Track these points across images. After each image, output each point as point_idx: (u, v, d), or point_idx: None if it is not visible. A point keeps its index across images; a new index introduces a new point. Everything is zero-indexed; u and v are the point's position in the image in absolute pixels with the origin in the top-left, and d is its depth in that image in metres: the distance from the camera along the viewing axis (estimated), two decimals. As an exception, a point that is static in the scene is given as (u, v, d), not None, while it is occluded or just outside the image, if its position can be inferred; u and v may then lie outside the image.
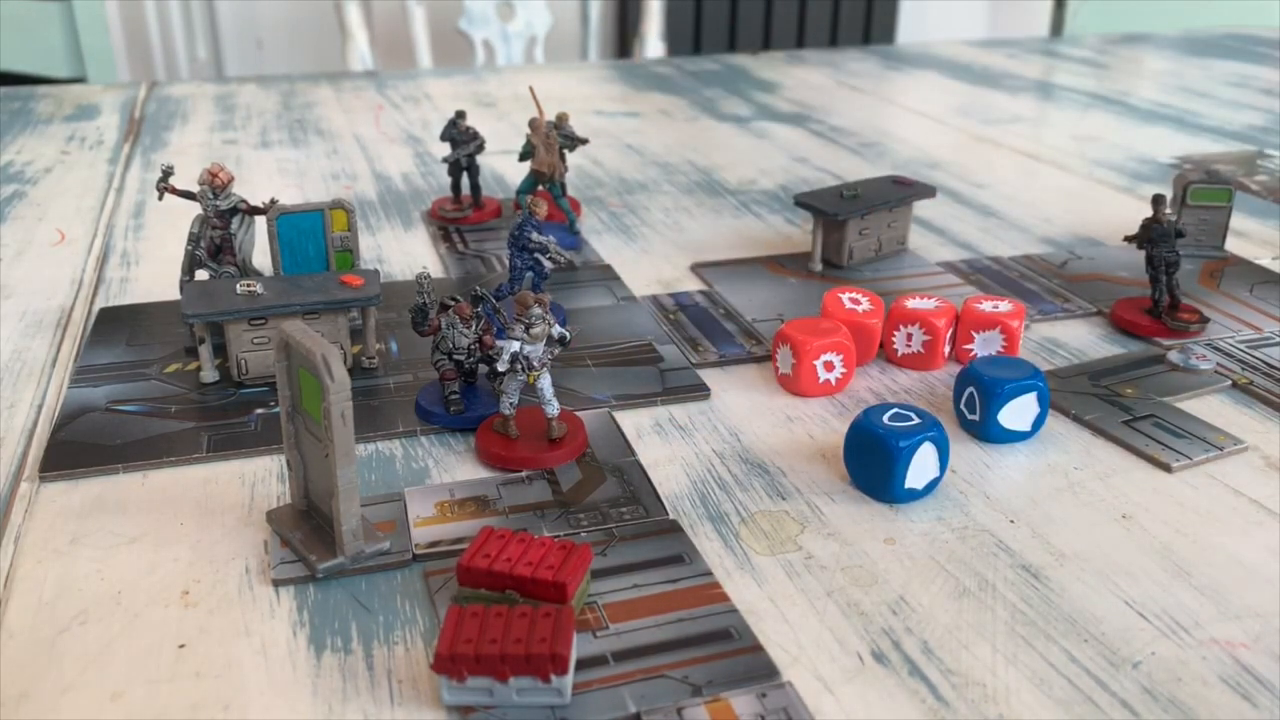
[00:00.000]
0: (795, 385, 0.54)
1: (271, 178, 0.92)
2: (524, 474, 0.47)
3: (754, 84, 1.30)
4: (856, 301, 0.57)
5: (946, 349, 0.57)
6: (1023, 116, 1.14)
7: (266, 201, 0.59)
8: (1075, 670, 0.36)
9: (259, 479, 0.47)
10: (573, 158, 0.91)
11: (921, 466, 0.45)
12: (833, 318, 0.56)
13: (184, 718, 0.34)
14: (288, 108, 1.17)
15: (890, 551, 0.42)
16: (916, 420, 0.45)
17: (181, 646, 0.37)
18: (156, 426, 0.51)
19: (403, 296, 0.65)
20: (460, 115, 0.77)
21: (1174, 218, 0.61)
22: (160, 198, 0.60)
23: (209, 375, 0.55)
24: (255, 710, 0.35)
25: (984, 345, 0.57)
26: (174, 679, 0.36)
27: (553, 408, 0.48)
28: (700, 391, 0.55)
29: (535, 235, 0.59)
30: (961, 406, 0.51)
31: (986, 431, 0.50)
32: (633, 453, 0.49)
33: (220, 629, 0.38)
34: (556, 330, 0.47)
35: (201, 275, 0.61)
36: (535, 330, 0.47)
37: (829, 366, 0.54)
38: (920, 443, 0.44)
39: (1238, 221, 0.79)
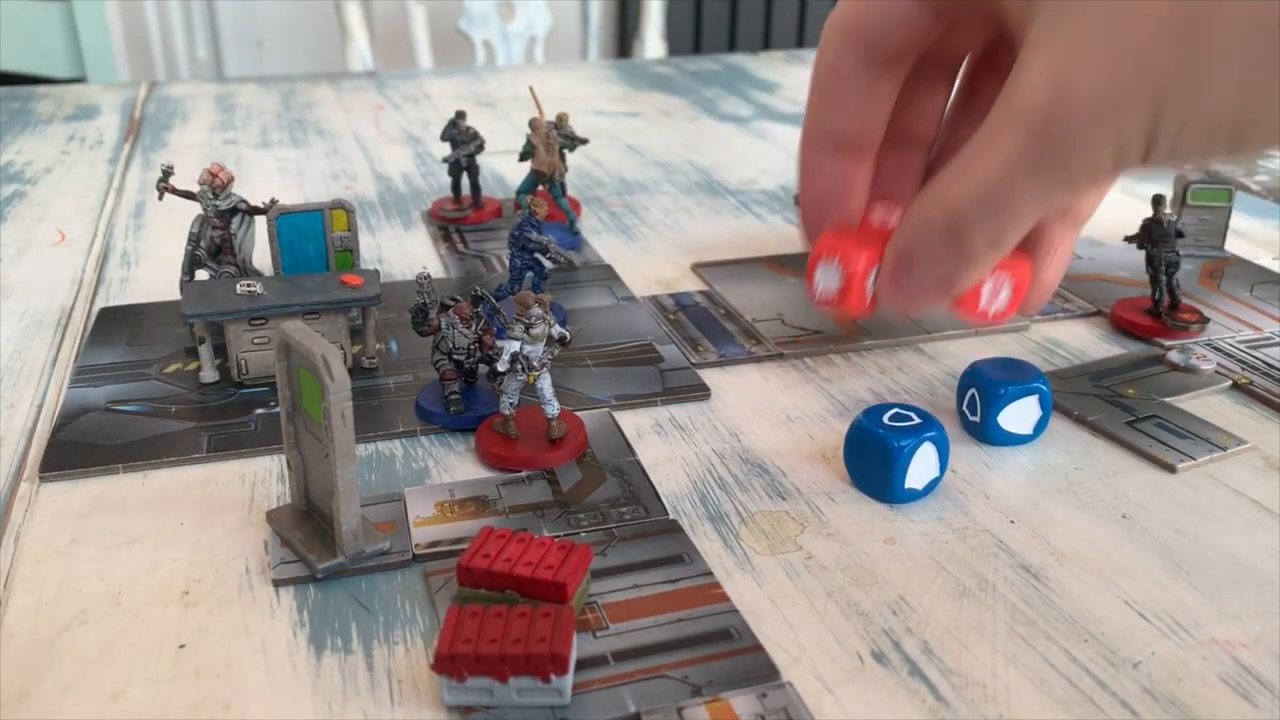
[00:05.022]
0: (843, 303, 0.43)
1: (271, 178, 0.92)
2: (524, 474, 0.47)
3: (754, 84, 1.30)
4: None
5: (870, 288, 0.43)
6: (1023, 116, 1.14)
7: (266, 201, 0.59)
8: (1075, 670, 0.36)
9: (259, 479, 0.47)
10: (573, 158, 0.91)
11: (921, 467, 0.45)
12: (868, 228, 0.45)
13: (184, 718, 0.34)
14: (288, 108, 1.17)
15: (890, 551, 0.42)
16: (916, 420, 0.45)
17: (181, 646, 0.37)
18: (156, 426, 0.51)
19: (403, 296, 0.65)
20: (460, 115, 0.77)
21: (1174, 218, 0.61)
22: (160, 198, 0.60)
23: (209, 375, 0.55)
24: (255, 710, 0.35)
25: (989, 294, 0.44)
26: (174, 679, 0.36)
27: (553, 408, 0.48)
28: (700, 391, 0.55)
29: (535, 235, 0.59)
30: (964, 408, 0.51)
31: (986, 433, 0.50)
32: (633, 453, 0.49)
33: (220, 629, 0.38)
34: (556, 330, 0.47)
35: (201, 275, 0.61)
36: (535, 330, 0.47)
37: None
38: (920, 443, 0.44)
39: (1238, 221, 0.79)
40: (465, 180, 0.79)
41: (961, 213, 0.38)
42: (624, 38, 2.39)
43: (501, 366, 0.47)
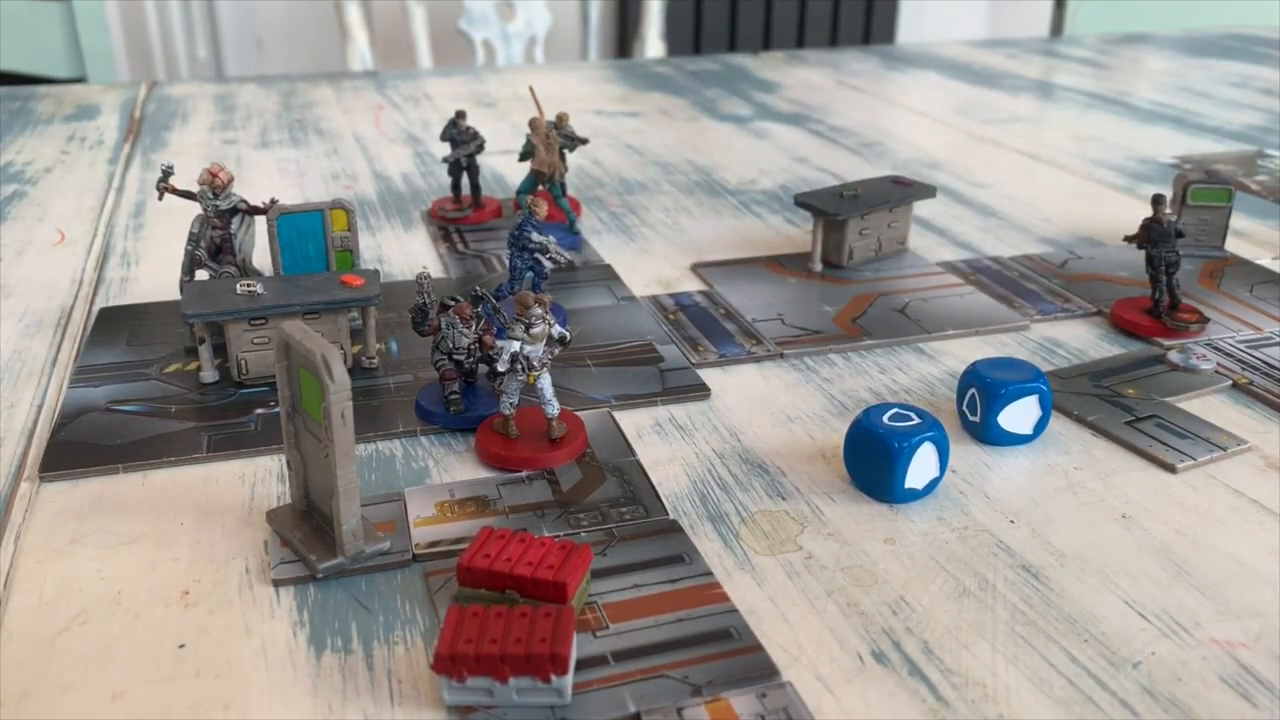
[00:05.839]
0: None
1: (271, 178, 0.92)
2: (524, 474, 0.47)
3: (754, 84, 1.30)
4: None
5: None
6: (1023, 116, 1.14)
7: (266, 201, 0.59)
8: (1075, 670, 0.36)
9: (259, 479, 0.47)
10: (573, 158, 0.91)
11: (921, 466, 0.45)
12: None
13: (184, 718, 0.34)
14: (288, 108, 1.17)
15: (890, 551, 0.42)
16: (916, 420, 0.45)
17: (181, 646, 0.37)
18: (156, 426, 0.51)
19: (403, 296, 0.65)
20: (460, 115, 0.77)
21: (1174, 218, 0.61)
22: (160, 198, 0.60)
23: (209, 375, 0.55)
24: (255, 710, 0.35)
25: None
26: (174, 679, 0.36)
27: (553, 408, 0.48)
28: (700, 391, 0.55)
29: (535, 235, 0.59)
30: (964, 408, 0.51)
31: (986, 433, 0.50)
32: (633, 453, 0.49)
33: (220, 629, 0.38)
34: (556, 330, 0.47)
35: (201, 275, 0.61)
36: (535, 330, 0.47)
37: None
38: (920, 443, 0.44)
39: (1238, 221, 0.79)
40: (465, 180, 0.79)
41: None
42: (624, 38, 2.38)
43: (501, 366, 0.47)
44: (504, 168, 0.94)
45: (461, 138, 0.77)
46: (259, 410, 0.52)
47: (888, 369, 0.58)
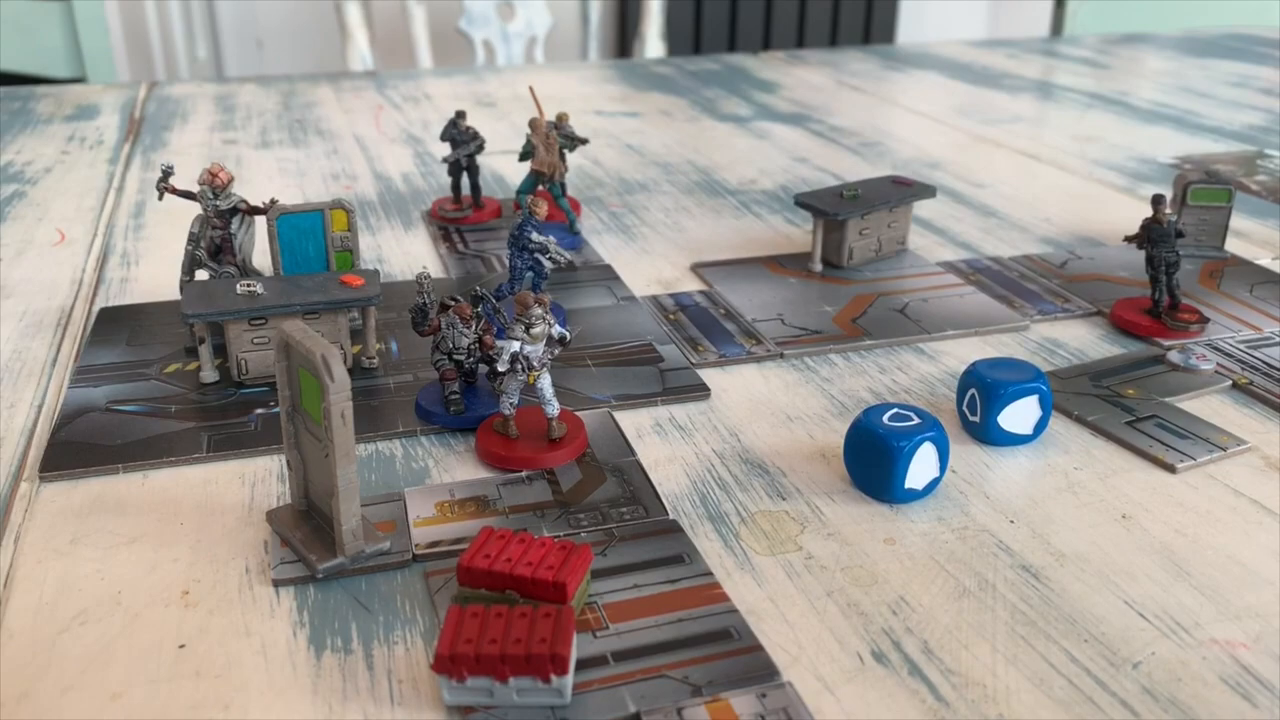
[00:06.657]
0: None
1: (271, 178, 0.92)
2: (524, 474, 0.47)
3: (754, 84, 1.30)
4: None
5: None
6: (1023, 116, 1.14)
7: (266, 201, 0.59)
8: (1075, 670, 0.36)
9: (259, 479, 0.47)
10: (573, 158, 0.91)
11: (921, 466, 0.45)
12: None
13: (184, 718, 0.34)
14: (288, 108, 1.17)
15: (890, 551, 0.42)
16: (916, 420, 0.45)
17: (181, 646, 0.37)
18: (156, 426, 0.51)
19: (403, 296, 0.65)
20: (460, 115, 0.77)
21: (1174, 218, 0.61)
22: (160, 198, 0.60)
23: (209, 375, 0.55)
24: (255, 710, 0.35)
25: None
26: (174, 679, 0.36)
27: (553, 408, 0.48)
28: (700, 391, 0.55)
29: (535, 235, 0.59)
30: (964, 408, 0.51)
31: (986, 433, 0.50)
32: (633, 453, 0.49)
33: (220, 629, 0.38)
34: (556, 330, 0.47)
35: (201, 275, 0.61)
36: (535, 330, 0.47)
37: None
38: (920, 443, 0.44)
39: (1238, 221, 0.79)
40: (465, 180, 0.79)
41: None
42: (624, 38, 2.39)
43: (501, 366, 0.47)
44: (504, 168, 0.94)
45: (461, 138, 0.77)
46: (259, 410, 0.52)
47: (888, 369, 0.58)
